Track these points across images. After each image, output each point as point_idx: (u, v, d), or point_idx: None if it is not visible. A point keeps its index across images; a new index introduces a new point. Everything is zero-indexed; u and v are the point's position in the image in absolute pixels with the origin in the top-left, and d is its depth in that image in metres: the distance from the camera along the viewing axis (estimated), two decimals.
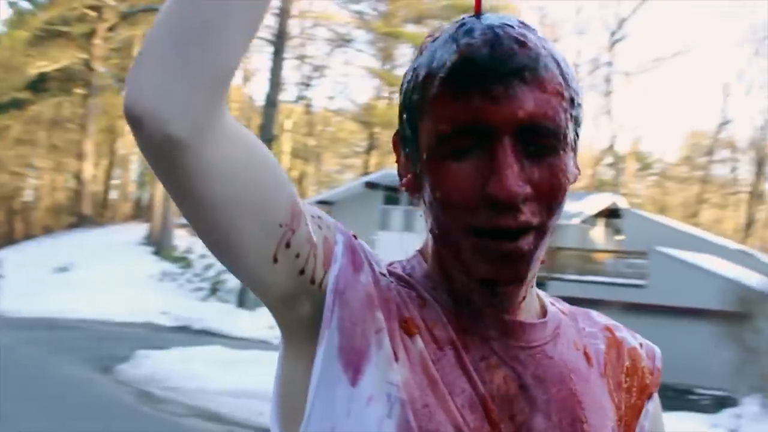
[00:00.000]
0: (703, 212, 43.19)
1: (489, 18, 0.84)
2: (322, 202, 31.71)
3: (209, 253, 0.80)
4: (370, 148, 40.17)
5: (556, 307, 0.97)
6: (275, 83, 19.22)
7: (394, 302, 0.84)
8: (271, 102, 18.95)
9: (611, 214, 28.87)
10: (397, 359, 0.81)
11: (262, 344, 15.93)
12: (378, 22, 37.73)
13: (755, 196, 40.47)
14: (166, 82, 0.68)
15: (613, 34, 38.74)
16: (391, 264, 0.92)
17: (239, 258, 0.78)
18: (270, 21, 28.15)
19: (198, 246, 22.23)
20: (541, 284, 0.92)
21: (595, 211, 28.10)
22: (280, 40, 19.17)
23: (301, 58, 36.26)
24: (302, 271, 0.80)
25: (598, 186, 41.80)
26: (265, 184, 0.77)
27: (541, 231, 0.82)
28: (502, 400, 0.84)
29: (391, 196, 29.24)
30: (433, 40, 0.87)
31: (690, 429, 9.40)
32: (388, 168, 32.84)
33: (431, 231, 0.87)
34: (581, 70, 39.99)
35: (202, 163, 0.70)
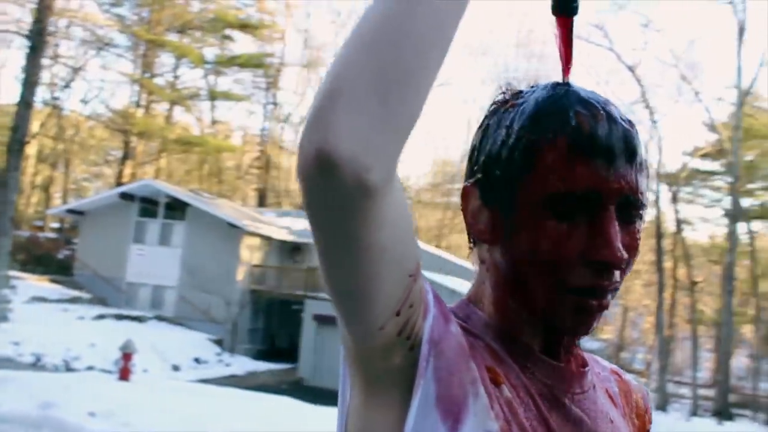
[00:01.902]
0: (448, 237, 45.93)
1: (584, 89, 0.92)
2: (72, 211, 29.91)
3: None
4: (125, 158, 38.47)
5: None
6: (31, 83, 17.75)
7: (478, 352, 0.86)
8: (26, 102, 17.46)
9: None
10: (492, 408, 0.82)
11: None
12: (140, 27, 36.47)
13: None
14: (367, 129, 0.65)
15: None
16: None
17: (367, 306, 0.76)
18: (27, 15, 26.17)
19: None
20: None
21: None
22: (39, 37, 17.73)
23: (55, 57, 34.09)
24: (407, 322, 0.79)
25: None
26: (409, 231, 0.76)
27: (618, 289, 0.90)
28: None
29: (147, 208, 28.19)
30: (521, 101, 0.92)
31: None
32: (145, 179, 31.67)
33: (502, 282, 0.91)
34: None
35: (381, 210, 0.69)
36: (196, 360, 22.77)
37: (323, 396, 15.58)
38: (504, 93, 0.96)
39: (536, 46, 43.09)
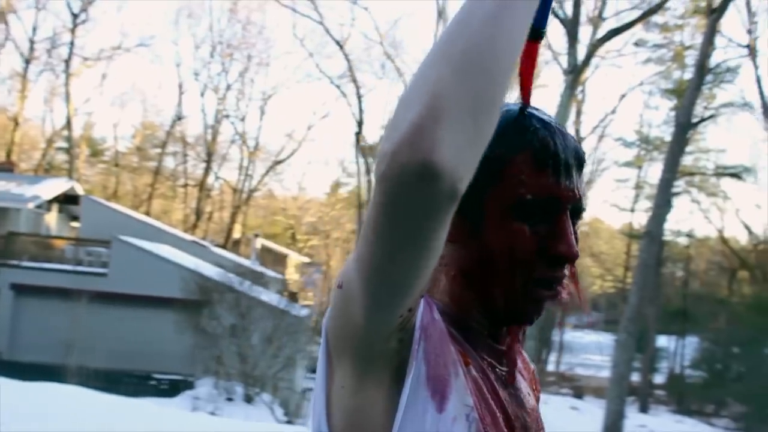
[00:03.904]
0: (153, 202, 44.42)
1: (541, 111, 1.05)
2: None
3: None
4: None
5: None
6: None
7: (451, 337, 0.97)
8: None
9: (67, 199, 27.94)
10: (467, 385, 0.94)
11: None
12: None
13: (203, 189, 43.13)
14: (463, 146, 0.73)
15: (76, 15, 37.42)
16: None
17: (405, 298, 0.83)
18: None
19: None
20: None
21: (51, 196, 26.95)
22: None
23: None
24: (410, 309, 0.88)
25: (49, 170, 40.08)
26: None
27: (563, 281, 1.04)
28: (516, 419, 1.02)
29: None
30: None
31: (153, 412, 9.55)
32: None
33: (460, 275, 1.03)
34: (37, 47, 37.89)
35: (451, 215, 0.77)
36: None
37: (21, 370, 14.61)
38: None
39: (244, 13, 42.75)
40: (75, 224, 28.47)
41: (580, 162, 1.03)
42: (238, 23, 42.40)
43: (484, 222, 1.00)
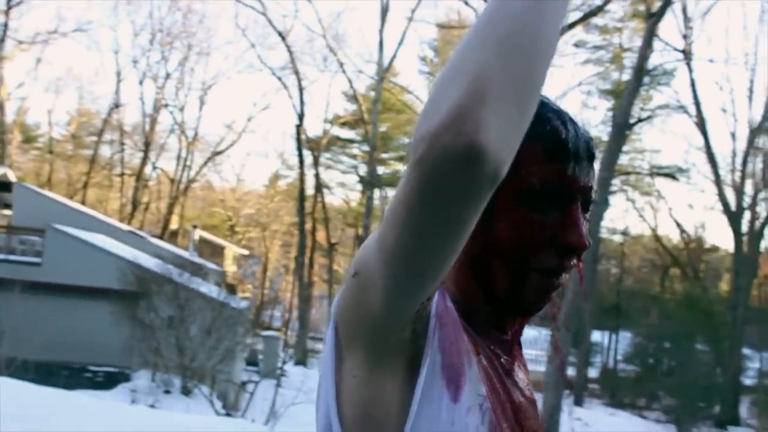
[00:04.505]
0: (88, 191, 43.45)
1: (551, 101, 1.04)
2: None
3: None
4: None
5: None
6: None
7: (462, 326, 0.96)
8: None
9: None
10: (479, 374, 0.94)
11: None
12: None
13: (140, 179, 42.35)
14: (507, 129, 0.72)
15: None
16: None
17: (432, 283, 0.82)
18: None
19: None
20: None
21: None
22: None
23: None
24: (429, 298, 0.87)
25: None
26: None
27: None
28: (520, 408, 1.01)
29: None
30: None
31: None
32: None
33: (467, 264, 1.01)
34: None
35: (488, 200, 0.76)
36: None
37: None
38: None
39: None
40: (7, 212, 27.64)
41: (591, 153, 1.03)
42: (178, 11, 41.90)
43: (494, 210, 0.97)
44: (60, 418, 8.08)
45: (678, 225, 37.19)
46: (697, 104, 29.17)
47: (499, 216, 0.98)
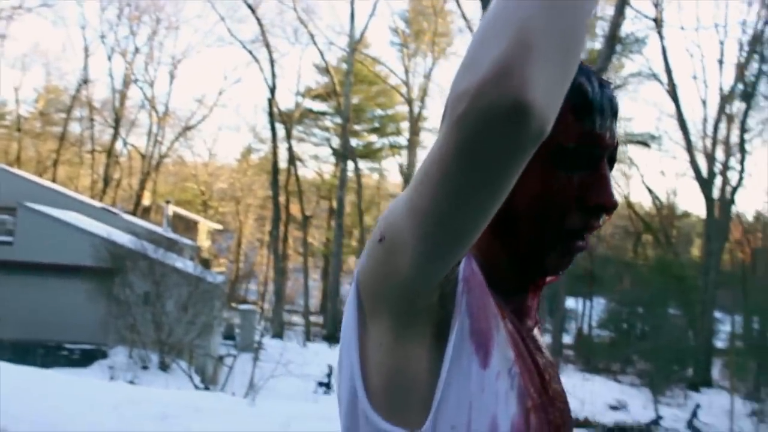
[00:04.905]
0: (58, 169, 42.90)
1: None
2: None
3: None
4: None
5: None
6: None
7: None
8: None
9: None
10: (507, 338, 0.92)
11: None
12: None
13: (111, 155, 41.86)
14: (552, 85, 0.69)
15: None
16: None
17: (466, 245, 0.79)
18: None
19: None
20: None
21: None
22: None
23: None
24: (459, 262, 0.85)
25: None
26: None
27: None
28: (545, 370, 0.99)
29: None
30: None
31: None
32: None
33: (490, 225, 0.94)
34: None
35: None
36: None
37: None
38: None
39: None
40: None
41: (615, 110, 1.00)
42: None
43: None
44: (38, 396, 8.02)
45: (650, 191, 37.45)
46: (669, 72, 29.37)
47: (527, 175, 0.91)
